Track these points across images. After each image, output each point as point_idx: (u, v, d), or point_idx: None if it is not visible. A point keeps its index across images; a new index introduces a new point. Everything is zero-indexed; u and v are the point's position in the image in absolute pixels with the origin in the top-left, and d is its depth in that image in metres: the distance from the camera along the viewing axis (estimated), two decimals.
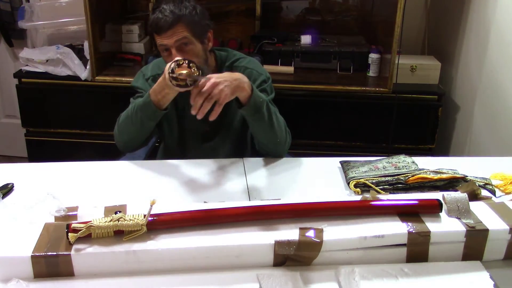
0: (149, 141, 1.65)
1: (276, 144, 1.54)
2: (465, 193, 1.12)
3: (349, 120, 2.52)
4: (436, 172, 1.34)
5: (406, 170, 1.38)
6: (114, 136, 1.62)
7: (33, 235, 0.98)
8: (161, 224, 1.00)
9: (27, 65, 2.56)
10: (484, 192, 1.28)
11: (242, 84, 1.38)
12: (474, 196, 1.20)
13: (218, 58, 1.70)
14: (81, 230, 0.95)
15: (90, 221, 0.97)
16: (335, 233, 1.00)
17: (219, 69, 1.68)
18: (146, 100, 1.44)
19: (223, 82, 1.32)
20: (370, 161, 1.46)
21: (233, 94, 1.36)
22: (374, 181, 1.34)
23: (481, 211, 1.09)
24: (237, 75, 1.40)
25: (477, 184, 1.28)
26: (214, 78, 1.32)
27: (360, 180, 1.35)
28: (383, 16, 2.60)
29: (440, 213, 1.06)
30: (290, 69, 2.58)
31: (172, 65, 1.34)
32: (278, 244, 0.98)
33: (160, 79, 1.41)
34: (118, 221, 0.97)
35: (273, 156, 1.57)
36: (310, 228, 1.01)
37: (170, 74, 1.33)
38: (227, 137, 1.71)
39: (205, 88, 1.30)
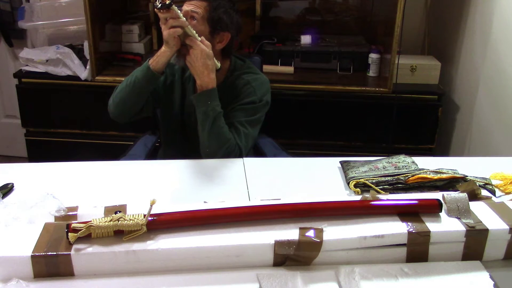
0: (142, 112, 1.70)
1: (205, 152, 1.58)
2: (465, 193, 1.12)
3: (349, 120, 2.52)
4: (436, 172, 1.34)
5: (406, 170, 1.38)
6: (109, 106, 1.68)
7: (33, 235, 0.97)
8: (161, 224, 1.00)
9: (27, 65, 2.56)
10: (484, 192, 1.28)
11: (204, 74, 1.50)
12: (474, 196, 1.20)
13: (232, 64, 1.72)
14: (81, 230, 0.95)
15: (90, 221, 0.96)
16: (335, 233, 1.00)
17: (230, 74, 1.69)
18: (144, 64, 1.58)
19: (202, 52, 1.48)
20: (370, 161, 1.46)
21: (192, 63, 1.49)
22: (374, 181, 1.34)
23: (481, 211, 1.09)
24: (210, 70, 1.51)
25: (477, 184, 1.28)
26: (202, 44, 1.49)
27: (360, 180, 1.34)
28: (383, 16, 2.60)
29: (440, 213, 1.06)
30: (290, 69, 2.58)
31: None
32: (278, 244, 0.98)
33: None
34: (118, 221, 0.97)
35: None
36: (310, 228, 1.01)
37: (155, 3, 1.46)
38: None
39: (190, 28, 1.48)
